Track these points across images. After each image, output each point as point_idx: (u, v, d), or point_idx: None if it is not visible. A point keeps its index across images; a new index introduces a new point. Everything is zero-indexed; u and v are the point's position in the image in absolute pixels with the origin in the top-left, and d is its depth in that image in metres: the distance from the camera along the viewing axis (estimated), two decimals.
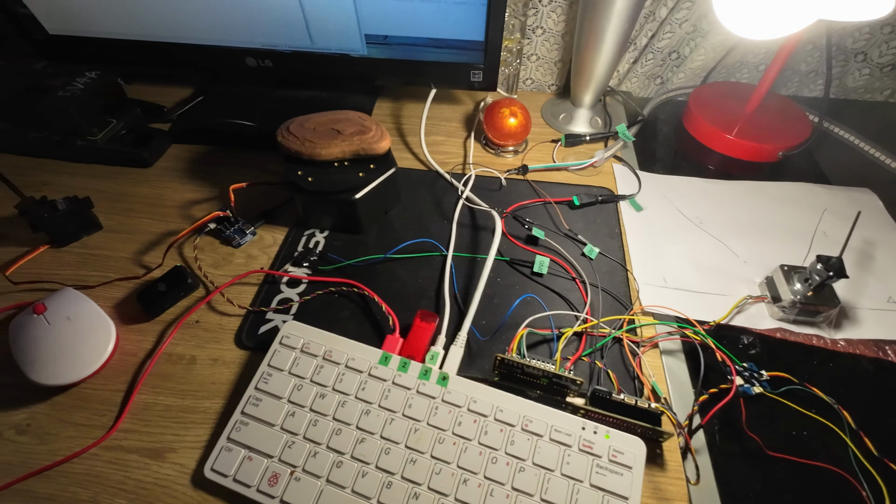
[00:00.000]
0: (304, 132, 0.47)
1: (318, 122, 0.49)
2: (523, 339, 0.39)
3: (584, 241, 0.50)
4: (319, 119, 0.49)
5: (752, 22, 0.45)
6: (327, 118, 0.49)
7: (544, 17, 0.63)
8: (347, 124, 0.48)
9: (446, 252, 0.49)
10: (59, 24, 0.58)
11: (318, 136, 0.47)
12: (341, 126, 0.48)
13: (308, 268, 0.48)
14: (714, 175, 0.61)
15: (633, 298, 0.46)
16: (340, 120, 0.49)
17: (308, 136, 0.47)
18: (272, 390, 0.37)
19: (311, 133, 0.47)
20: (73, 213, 0.49)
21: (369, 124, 0.49)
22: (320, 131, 0.48)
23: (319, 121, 0.49)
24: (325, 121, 0.49)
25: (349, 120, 0.49)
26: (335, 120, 0.49)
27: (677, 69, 0.72)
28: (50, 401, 0.39)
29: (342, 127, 0.48)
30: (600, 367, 0.39)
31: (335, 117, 0.49)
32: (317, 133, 0.48)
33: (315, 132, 0.48)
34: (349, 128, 0.48)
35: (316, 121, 0.49)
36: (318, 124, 0.48)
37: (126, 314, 0.44)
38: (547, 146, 0.64)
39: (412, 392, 0.37)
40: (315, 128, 0.48)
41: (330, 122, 0.49)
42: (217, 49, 0.58)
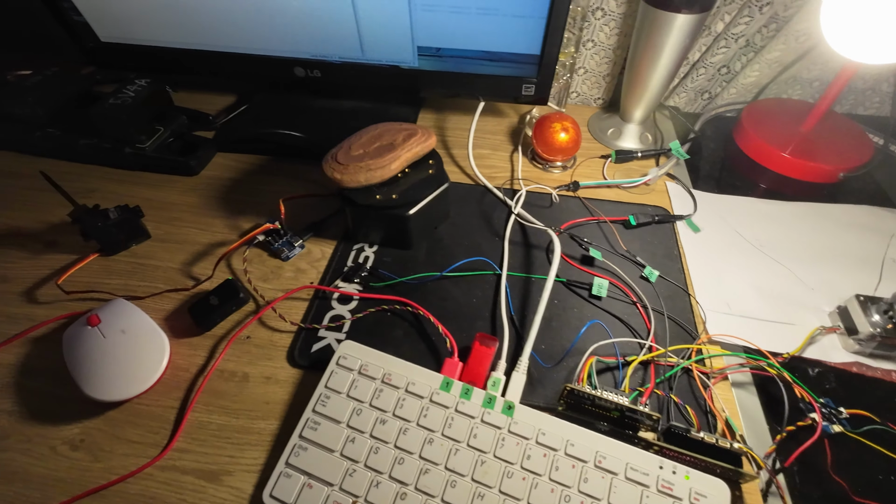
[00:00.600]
0: (357, 158, 0.45)
1: (361, 144, 0.47)
2: (593, 368, 0.37)
3: (642, 263, 0.48)
4: (360, 141, 0.47)
5: (869, 45, 0.43)
6: (368, 137, 0.47)
7: (596, 30, 0.62)
8: (393, 134, 0.47)
9: (500, 271, 0.47)
10: (111, 32, 0.58)
11: (376, 155, 0.46)
12: (388, 138, 0.47)
13: (359, 284, 0.47)
14: (767, 194, 0.59)
15: (699, 325, 0.44)
16: (382, 134, 0.48)
17: (368, 162, 0.45)
18: (331, 414, 0.36)
19: (368, 156, 0.46)
20: (124, 222, 0.49)
21: (412, 127, 0.48)
22: (372, 151, 0.46)
23: (362, 143, 0.47)
24: (366, 141, 0.47)
25: (390, 130, 0.48)
26: (377, 136, 0.47)
27: (727, 84, 0.70)
28: (103, 416, 0.38)
29: (390, 138, 0.47)
30: (675, 402, 0.37)
31: (375, 133, 0.48)
32: (371, 154, 0.46)
33: (369, 154, 0.46)
34: (398, 136, 0.47)
35: (359, 144, 0.47)
36: (363, 146, 0.47)
37: (177, 327, 0.44)
38: (595, 162, 0.62)
39: (476, 421, 0.35)
40: (364, 151, 0.46)
41: (373, 139, 0.47)
42: (268, 59, 0.58)
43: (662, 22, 0.52)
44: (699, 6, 0.50)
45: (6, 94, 0.56)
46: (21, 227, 0.53)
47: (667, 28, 0.52)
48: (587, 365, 0.37)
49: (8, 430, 0.37)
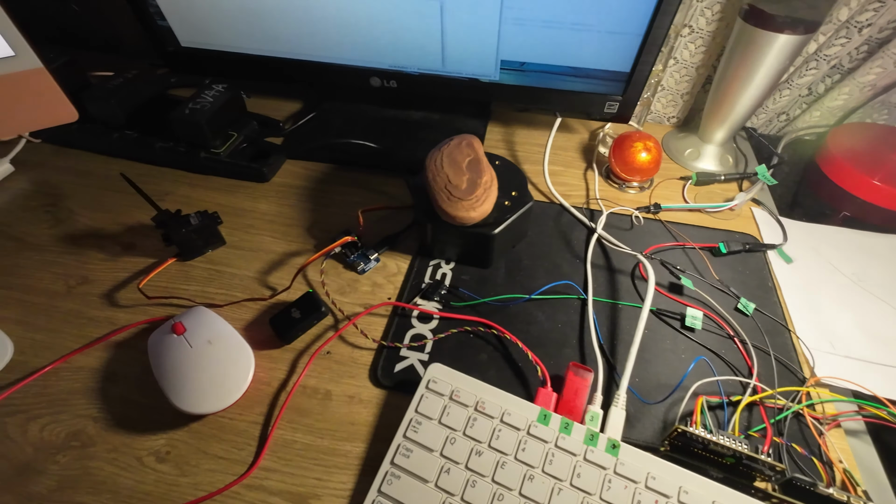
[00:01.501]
0: (469, 191, 0.43)
1: (460, 173, 0.45)
2: (705, 410, 0.35)
3: (737, 294, 0.46)
4: (457, 171, 0.45)
5: None
6: (468, 176, 0.45)
7: (680, 48, 0.60)
8: (477, 163, 0.45)
9: (585, 296, 0.45)
10: (192, 38, 0.59)
11: (478, 186, 0.44)
12: (475, 166, 0.45)
13: (438, 302, 0.46)
14: (852, 223, 0.56)
15: (803, 365, 0.41)
16: (475, 166, 0.46)
17: (479, 193, 0.43)
18: (423, 441, 0.34)
19: (476, 187, 0.44)
20: (204, 227, 0.48)
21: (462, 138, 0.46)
22: (477, 181, 0.44)
23: (460, 172, 0.45)
24: (461, 169, 0.45)
25: (472, 158, 0.46)
26: (467, 160, 0.45)
27: (808, 107, 0.67)
28: (187, 428, 0.38)
29: (476, 165, 0.45)
30: (797, 451, 0.35)
31: (460, 156, 0.46)
32: (474, 184, 0.44)
33: (476, 184, 0.44)
34: (481, 163, 0.45)
35: (457, 174, 0.44)
36: (464, 175, 0.44)
37: (257, 338, 0.43)
38: (673, 183, 0.60)
39: (579, 459, 0.33)
40: (468, 180, 0.44)
41: (466, 166, 0.45)
42: (345, 68, 0.57)
43: (761, 42, 0.50)
44: (804, 27, 0.48)
45: (90, 96, 0.57)
46: (100, 229, 0.53)
47: (765, 49, 0.50)
48: (698, 406, 0.35)
49: (94, 438, 0.37)
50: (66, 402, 0.39)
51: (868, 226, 0.56)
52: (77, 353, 0.42)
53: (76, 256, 0.50)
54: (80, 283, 0.48)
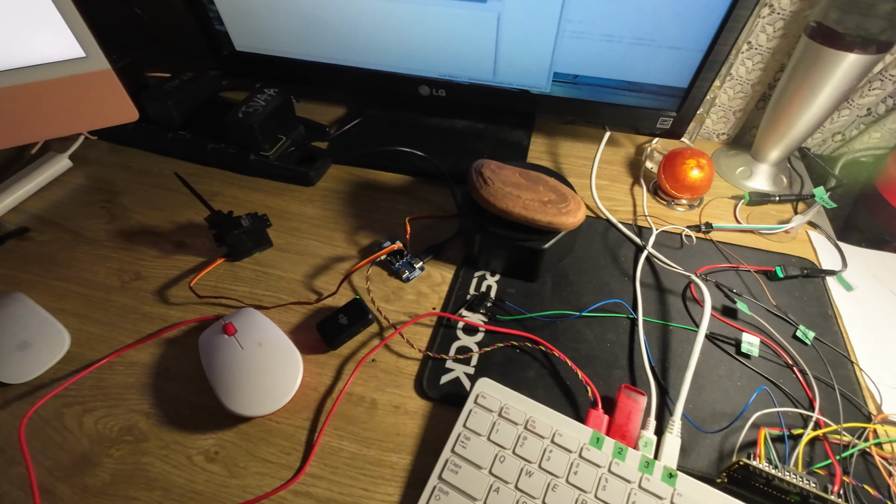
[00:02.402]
0: (511, 189, 0.43)
1: (529, 192, 0.44)
2: (769, 442, 0.34)
3: (795, 322, 0.44)
4: (530, 194, 0.44)
5: None
6: (536, 192, 0.44)
7: (737, 64, 0.58)
8: (549, 194, 0.44)
9: (635, 316, 0.44)
10: (246, 42, 0.60)
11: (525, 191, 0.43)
12: (546, 196, 0.44)
13: (484, 314, 0.45)
14: None
15: (868, 400, 0.39)
16: (541, 188, 0.45)
17: (517, 191, 0.43)
18: (472, 457, 0.34)
19: (517, 187, 0.44)
20: (254, 229, 0.49)
21: (566, 197, 0.44)
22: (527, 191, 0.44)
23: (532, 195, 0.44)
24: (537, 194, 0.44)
25: (553, 191, 0.45)
26: (544, 191, 0.45)
27: (867, 127, 0.64)
28: (235, 429, 0.38)
29: (545, 197, 0.44)
30: (871, 494, 0.33)
31: (542, 187, 0.45)
32: (523, 187, 0.44)
33: (519, 186, 0.44)
34: (550, 196, 0.44)
35: (525, 189, 0.44)
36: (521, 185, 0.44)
37: (303, 342, 0.43)
38: (723, 202, 0.58)
39: (634, 486, 0.32)
40: (517, 182, 0.44)
41: (541, 196, 0.44)
42: (395, 76, 0.58)
43: (828, 61, 0.48)
44: (876, 48, 0.46)
45: (149, 97, 0.58)
46: (153, 226, 0.54)
47: (831, 68, 0.48)
48: (761, 439, 0.34)
49: (147, 434, 0.38)
50: (121, 397, 0.40)
51: None
52: (130, 347, 0.43)
53: (130, 252, 0.52)
54: (134, 278, 0.49)
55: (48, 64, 0.44)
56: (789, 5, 0.52)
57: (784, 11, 0.52)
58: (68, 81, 0.46)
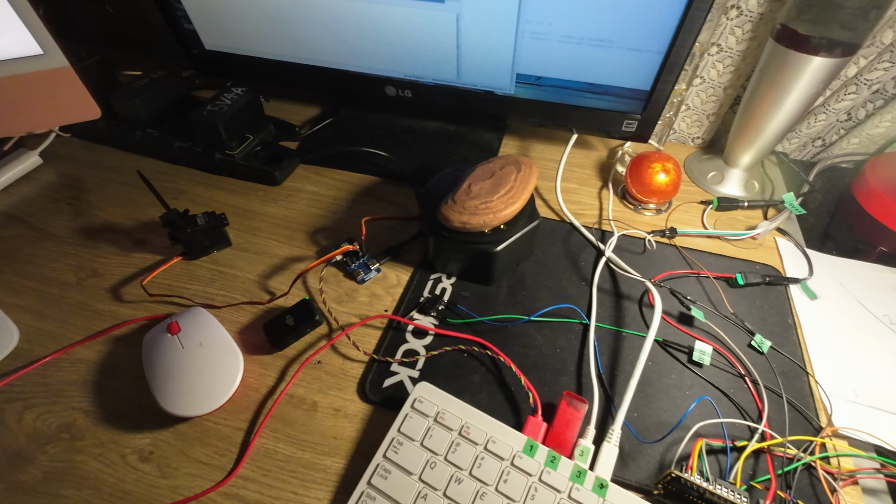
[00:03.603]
0: (479, 200, 0.42)
1: (481, 187, 0.43)
2: (703, 454, 0.33)
3: (752, 330, 0.43)
4: (480, 184, 0.44)
5: None
6: (485, 179, 0.44)
7: (708, 67, 0.57)
8: (506, 175, 0.44)
9: (588, 321, 0.44)
10: (216, 41, 0.60)
11: (494, 196, 0.42)
12: (502, 181, 0.43)
13: (435, 317, 0.45)
14: (888, 260, 0.52)
15: (821, 413, 0.38)
16: (494, 171, 0.45)
17: (489, 203, 0.42)
18: (402, 463, 0.33)
19: (486, 198, 0.42)
20: (211, 228, 0.49)
21: (517, 162, 0.44)
22: (493, 193, 0.43)
23: (482, 185, 0.44)
24: (485, 182, 0.44)
25: (507, 169, 0.45)
26: (491, 175, 0.44)
27: (847, 133, 0.63)
28: (172, 429, 0.38)
29: (504, 180, 0.43)
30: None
31: (493, 175, 0.44)
32: (488, 193, 0.43)
33: (489, 194, 0.43)
34: (510, 176, 0.44)
35: (479, 186, 0.44)
36: (482, 188, 0.43)
37: (250, 343, 0.43)
38: (692, 207, 0.57)
39: (563, 496, 0.32)
40: (481, 190, 0.43)
41: (491, 185, 0.44)
42: (361, 76, 0.57)
43: (794, 64, 0.47)
44: (841, 50, 0.45)
45: (117, 95, 0.59)
46: (116, 223, 0.54)
47: (798, 71, 0.47)
48: (696, 450, 0.33)
49: (84, 432, 0.38)
50: (63, 394, 0.40)
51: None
52: (78, 345, 0.43)
53: (90, 249, 0.52)
54: (90, 275, 0.49)
55: (3, 61, 0.44)
56: (756, 7, 0.51)
57: (752, 13, 0.51)
58: (26, 79, 0.46)
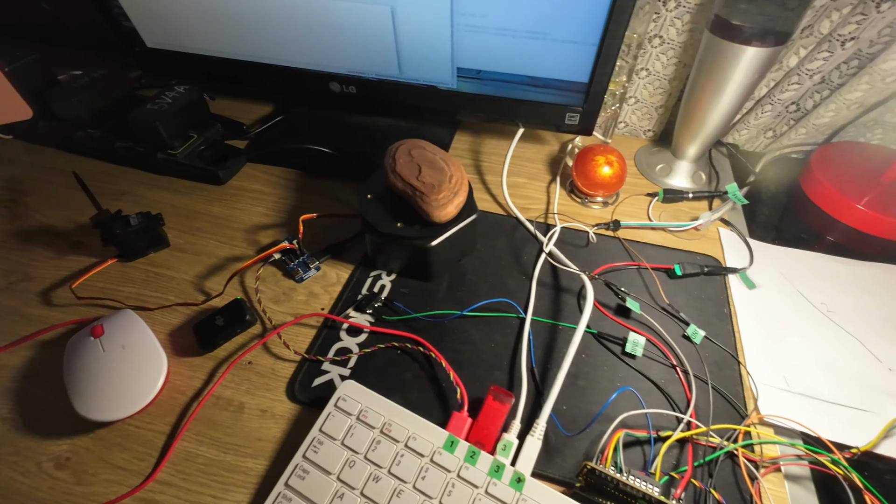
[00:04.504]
0: (438, 192, 0.42)
1: (432, 177, 0.43)
2: (619, 445, 0.33)
3: (686, 321, 0.43)
4: (430, 172, 0.43)
5: None
6: (429, 170, 0.43)
7: (652, 59, 0.57)
8: (440, 167, 0.43)
9: (524, 315, 0.43)
10: (157, 39, 0.59)
11: (450, 191, 0.42)
12: (445, 174, 0.43)
13: (371, 315, 0.44)
14: (837, 250, 0.52)
15: (749, 402, 0.38)
16: (434, 162, 0.44)
17: (445, 194, 0.42)
18: (321, 463, 0.33)
19: (442, 190, 0.42)
20: (145, 229, 0.48)
21: (454, 171, 0.44)
22: (444, 187, 0.42)
23: (432, 175, 0.43)
24: (431, 172, 0.43)
25: (448, 165, 0.44)
26: (435, 169, 0.43)
27: (796, 123, 0.63)
28: (92, 434, 0.37)
29: (446, 175, 0.43)
30: (716, 499, 0.32)
31: (434, 164, 0.44)
32: (445, 187, 0.42)
33: (441, 188, 0.42)
34: (445, 170, 0.43)
35: (429, 174, 0.43)
36: (434, 179, 0.42)
37: (179, 345, 0.42)
38: (640, 200, 0.57)
39: (480, 492, 0.31)
40: (437, 183, 0.42)
41: (437, 173, 0.43)
42: (303, 72, 0.57)
43: (728, 55, 0.47)
44: (773, 40, 0.45)
45: (55, 95, 0.57)
46: (52, 226, 0.53)
47: (733, 61, 0.47)
48: (613, 442, 0.33)
49: (0, 439, 0.36)
50: None
51: (850, 252, 0.52)
52: (2, 350, 0.42)
53: (24, 253, 0.50)
54: (22, 279, 0.48)
55: None
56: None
57: (689, 4, 0.51)
58: None
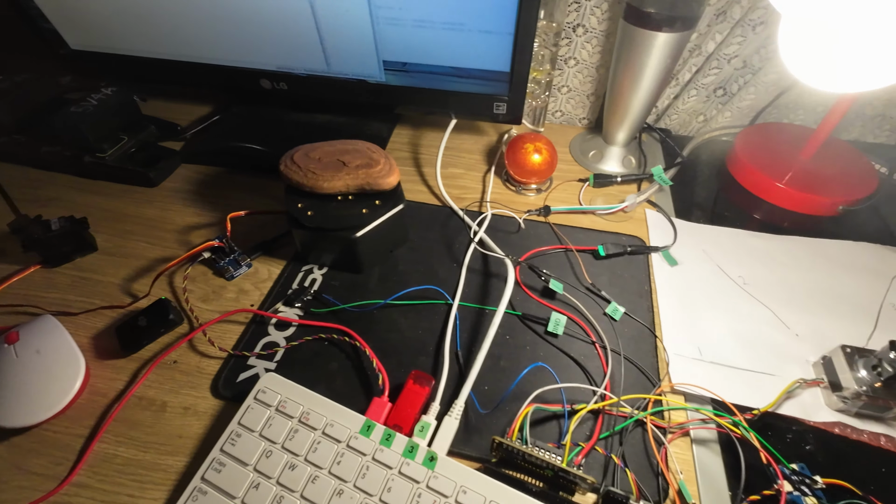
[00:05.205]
0: (308, 162, 0.44)
1: (324, 151, 0.45)
2: (527, 419, 0.34)
3: (607, 299, 0.44)
4: (327, 149, 0.46)
5: (831, 74, 0.39)
6: (335, 148, 0.46)
7: (578, 48, 0.59)
8: (355, 156, 0.45)
9: (452, 301, 0.44)
10: (80, 40, 0.58)
11: (322, 167, 0.44)
12: (348, 157, 0.45)
13: (300, 308, 0.44)
14: (761, 227, 0.54)
15: (662, 372, 0.40)
16: (349, 150, 0.46)
17: (312, 167, 0.43)
18: (238, 455, 0.33)
19: (316, 164, 0.44)
20: (69, 233, 0.47)
21: (377, 157, 0.45)
22: (325, 162, 0.44)
23: (326, 150, 0.45)
24: (332, 151, 0.45)
25: (357, 151, 0.45)
26: (343, 150, 0.46)
27: (723, 107, 0.65)
28: (7, 441, 0.36)
29: (348, 158, 0.45)
30: (615, 462, 0.33)
31: (344, 147, 0.46)
32: (321, 164, 0.44)
33: (320, 163, 0.44)
34: (356, 160, 0.44)
35: (322, 150, 0.46)
36: (324, 154, 0.45)
37: (103, 348, 0.42)
38: (572, 185, 0.59)
39: (394, 472, 0.32)
40: (321, 158, 0.45)
41: (337, 152, 0.45)
42: (232, 70, 0.56)
43: (642, 41, 0.49)
44: (681, 24, 0.47)
45: None
46: None
47: (647, 47, 0.49)
48: (521, 416, 0.34)
49: None
50: None
51: (775, 229, 0.54)
52: None
53: None
54: None
55: None
56: None
57: None
58: None
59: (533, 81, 0.57)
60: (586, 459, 0.34)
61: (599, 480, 0.32)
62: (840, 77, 0.38)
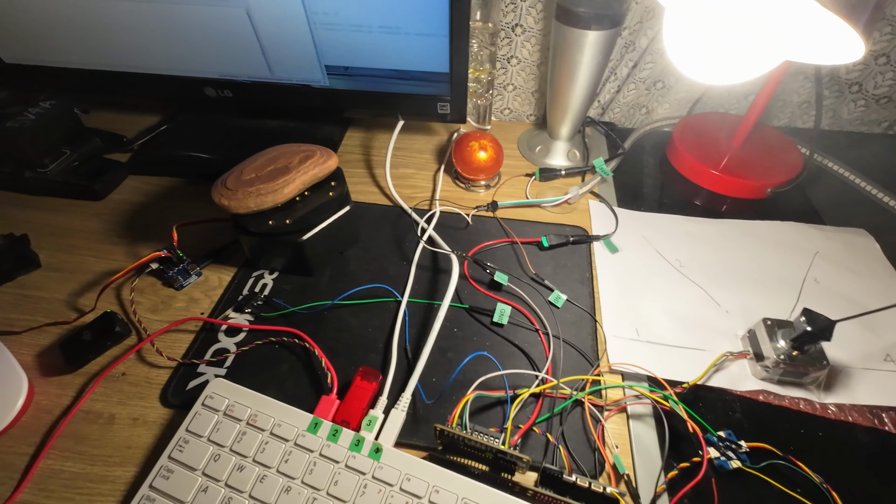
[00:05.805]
0: (244, 185, 0.43)
1: (254, 168, 0.44)
2: (468, 405, 0.35)
3: (550, 287, 0.46)
4: (253, 165, 0.44)
5: (712, 68, 0.41)
6: (260, 161, 0.45)
7: (518, 47, 0.61)
8: (289, 157, 0.45)
9: (401, 298, 0.45)
10: (15, 53, 0.57)
11: (265, 180, 0.43)
12: (283, 161, 0.45)
13: (251, 314, 0.45)
14: (700, 213, 0.57)
15: (601, 354, 0.42)
16: (277, 157, 0.45)
17: (257, 185, 0.43)
18: (186, 461, 0.33)
19: (257, 181, 0.43)
20: (8, 251, 0.46)
21: (308, 149, 0.45)
22: (265, 174, 0.44)
23: (254, 166, 0.44)
24: (261, 164, 0.44)
25: (286, 153, 0.45)
26: (271, 159, 0.45)
27: (662, 99, 0.68)
28: None
29: (284, 161, 0.45)
30: (549, 441, 0.35)
31: (270, 156, 0.45)
32: (262, 178, 0.43)
33: (260, 178, 0.43)
34: (293, 159, 0.45)
35: (251, 167, 0.44)
36: (255, 169, 0.44)
37: (47, 365, 0.41)
38: (521, 181, 0.60)
39: (340, 466, 0.33)
40: (256, 174, 0.44)
41: (267, 162, 0.45)
42: (175, 79, 0.56)
43: (574, 39, 0.51)
44: (609, 22, 0.49)
45: None
46: None
47: (579, 45, 0.51)
48: (462, 403, 0.35)
49: None
50: None
51: (712, 213, 0.57)
52: None
53: None
54: None
55: None
56: None
57: None
58: None
59: (475, 81, 0.59)
60: (529, 441, 0.36)
61: (539, 459, 0.34)
62: (713, 69, 0.41)
